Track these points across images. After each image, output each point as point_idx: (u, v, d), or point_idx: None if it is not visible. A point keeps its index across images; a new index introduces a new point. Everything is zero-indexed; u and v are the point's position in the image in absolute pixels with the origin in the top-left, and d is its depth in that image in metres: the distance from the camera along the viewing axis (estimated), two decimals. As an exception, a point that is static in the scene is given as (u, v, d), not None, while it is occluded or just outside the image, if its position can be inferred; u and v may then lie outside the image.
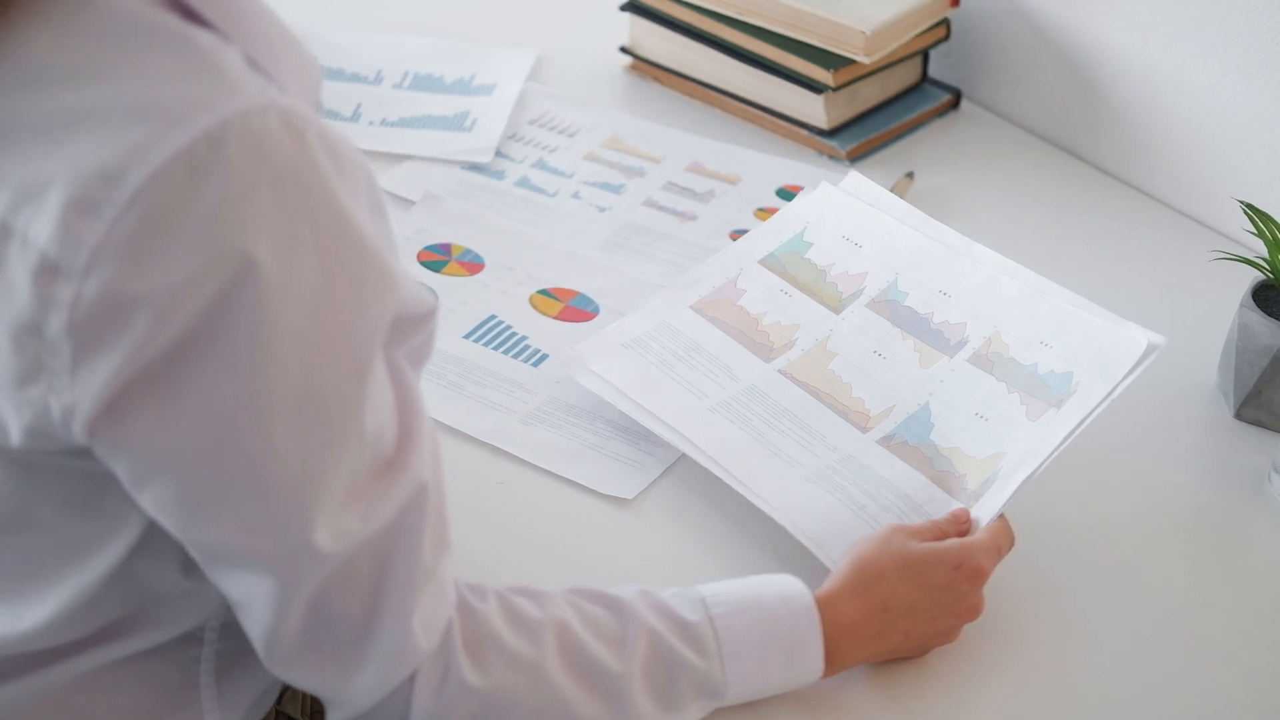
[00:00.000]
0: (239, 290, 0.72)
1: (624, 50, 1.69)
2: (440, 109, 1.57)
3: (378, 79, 1.61)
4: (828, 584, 0.98)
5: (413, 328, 0.84)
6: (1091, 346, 1.09)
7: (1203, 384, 1.27)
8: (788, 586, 0.96)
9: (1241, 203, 1.24)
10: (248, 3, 0.80)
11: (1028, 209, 1.50)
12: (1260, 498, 1.16)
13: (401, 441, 0.82)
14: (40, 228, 0.71)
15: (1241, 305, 1.21)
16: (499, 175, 1.49)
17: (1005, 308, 1.14)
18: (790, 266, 1.23)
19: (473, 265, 1.36)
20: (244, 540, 0.78)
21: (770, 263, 1.24)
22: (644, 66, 1.68)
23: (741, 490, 1.08)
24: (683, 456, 1.16)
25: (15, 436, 0.77)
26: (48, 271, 0.71)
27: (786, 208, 1.30)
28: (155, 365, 0.73)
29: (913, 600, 0.98)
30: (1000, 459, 1.06)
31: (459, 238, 1.39)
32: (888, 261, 1.21)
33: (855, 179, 1.28)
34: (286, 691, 1.02)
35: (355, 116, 1.56)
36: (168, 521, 0.79)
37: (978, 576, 1.00)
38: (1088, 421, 1.05)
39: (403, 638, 0.83)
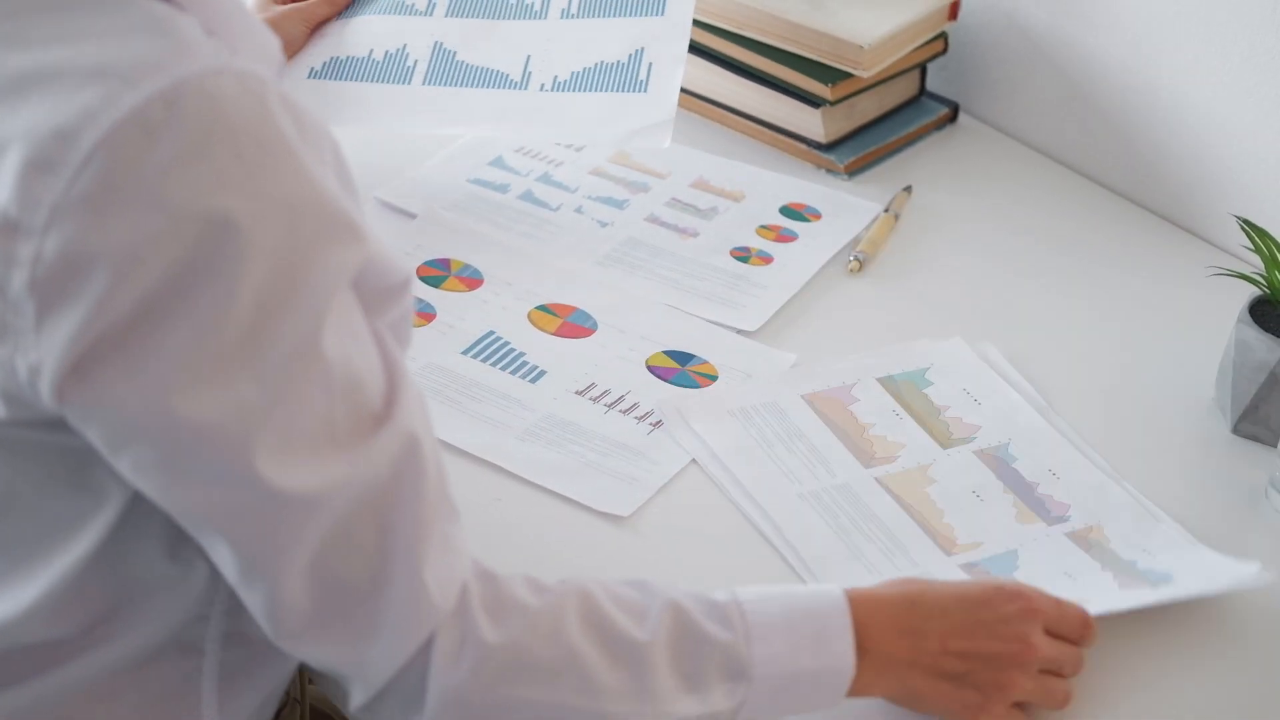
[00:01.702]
0: (206, 249, 0.72)
1: (622, 64, 1.69)
2: (610, 48, 1.40)
3: (545, 4, 1.44)
4: (862, 589, 0.95)
5: (387, 297, 0.84)
6: (1198, 565, 1.08)
7: (1200, 399, 1.27)
8: (827, 586, 0.94)
9: (1239, 218, 1.24)
10: None
11: (1025, 222, 1.50)
12: (1257, 513, 1.16)
13: (389, 397, 0.81)
14: (0, 188, 0.72)
15: (1238, 321, 1.21)
16: (503, 189, 1.49)
17: (1113, 512, 1.14)
18: (907, 394, 1.25)
19: (471, 280, 1.36)
20: (218, 496, 0.77)
21: (888, 384, 1.26)
22: (642, 80, 1.68)
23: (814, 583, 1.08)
24: (679, 474, 1.16)
25: None
26: (8, 230, 0.72)
27: (916, 342, 1.30)
28: (120, 324, 0.73)
29: (944, 604, 0.94)
30: (1084, 603, 1.05)
31: (458, 252, 1.39)
32: (1003, 426, 1.22)
33: (988, 348, 1.30)
34: (285, 707, 1.02)
35: (524, 81, 1.41)
36: (149, 487, 0.78)
37: (1024, 604, 0.94)
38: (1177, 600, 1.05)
39: (415, 596, 0.81)
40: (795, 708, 0.92)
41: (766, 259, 1.41)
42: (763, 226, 1.46)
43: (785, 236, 1.45)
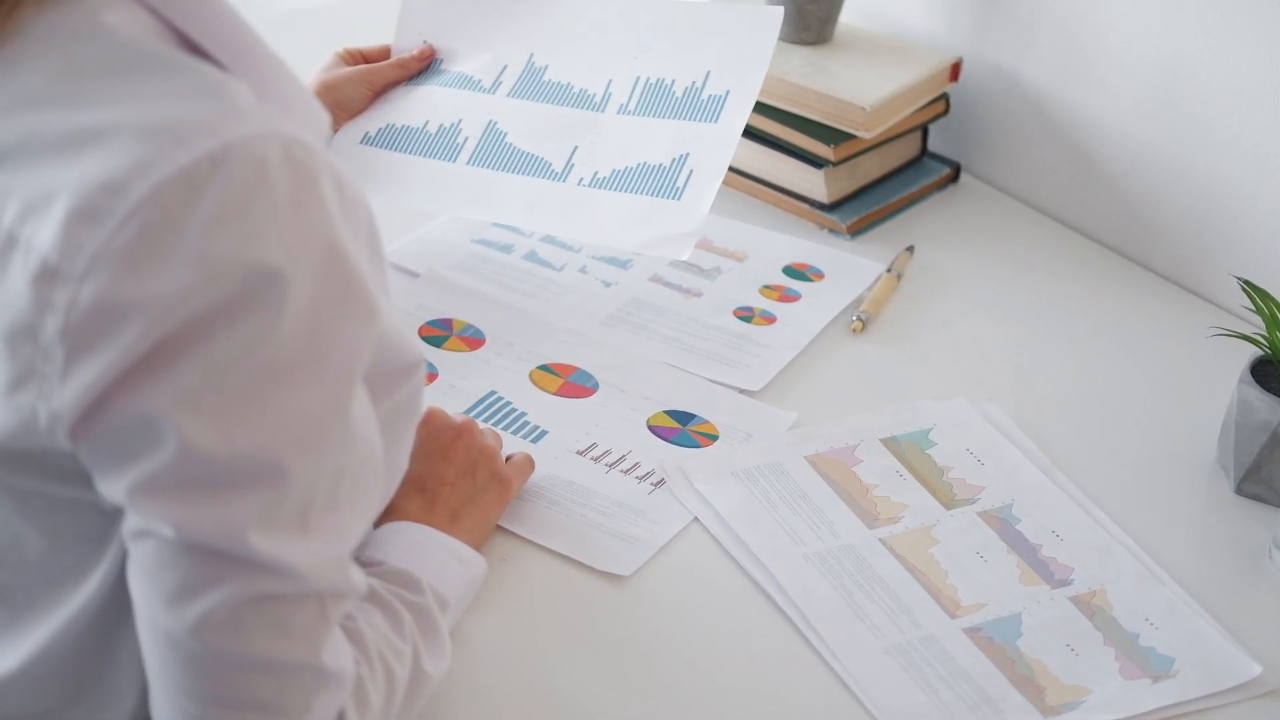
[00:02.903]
0: (240, 296, 0.74)
1: (626, 125, 1.70)
2: (656, 149, 1.39)
3: (605, 98, 1.44)
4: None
5: (397, 377, 0.85)
6: (1200, 650, 1.08)
7: (1203, 459, 1.27)
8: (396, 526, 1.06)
9: (1239, 279, 1.24)
10: (252, 42, 0.82)
11: (1027, 282, 1.50)
12: (1261, 573, 1.16)
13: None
14: (44, 235, 0.73)
15: (1240, 381, 1.21)
16: (506, 249, 1.50)
17: (1116, 575, 1.14)
18: (910, 454, 1.25)
19: (473, 340, 1.37)
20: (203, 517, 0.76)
21: (891, 444, 1.26)
22: (646, 141, 1.69)
23: (818, 644, 1.07)
24: (680, 534, 1.16)
25: None
26: (47, 276, 0.73)
27: (919, 403, 1.31)
28: (139, 364, 0.74)
29: (413, 471, 1.08)
30: (1085, 693, 1.04)
31: (460, 312, 1.40)
32: (1007, 487, 1.22)
33: (991, 408, 1.30)
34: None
35: (565, 173, 1.40)
36: (153, 506, 0.77)
37: (427, 419, 1.13)
38: (1178, 710, 1.04)
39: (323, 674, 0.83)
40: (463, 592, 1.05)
41: (769, 319, 1.42)
42: (766, 286, 1.47)
43: (788, 296, 1.45)
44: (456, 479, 1.12)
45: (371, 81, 1.46)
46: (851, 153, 1.55)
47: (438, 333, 1.37)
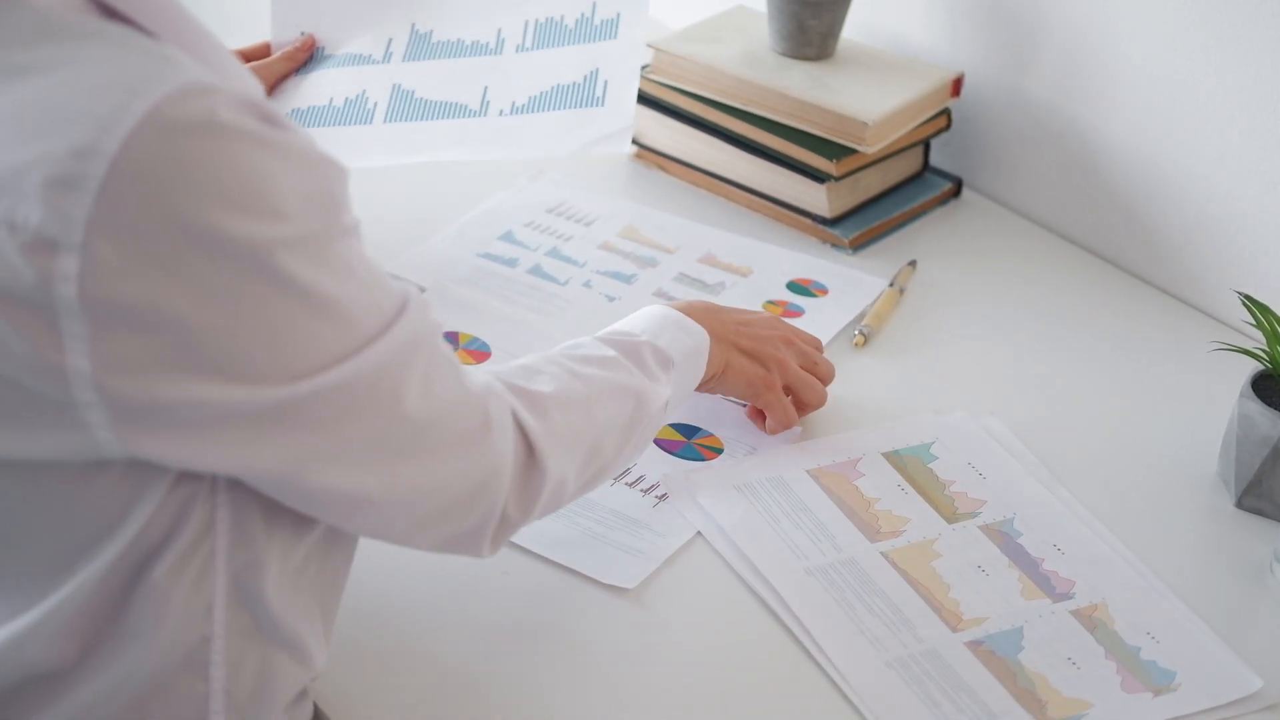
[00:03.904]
0: (243, 240, 0.76)
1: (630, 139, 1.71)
2: (566, 72, 1.45)
3: (500, 43, 1.49)
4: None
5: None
6: (1201, 663, 1.08)
7: (1204, 473, 1.28)
8: (640, 310, 1.20)
9: (1240, 294, 1.25)
10: (178, 12, 0.83)
11: (1029, 297, 1.51)
12: (1262, 587, 1.17)
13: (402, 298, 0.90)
14: (25, 210, 0.74)
15: (1241, 395, 1.22)
16: (512, 263, 1.51)
17: (1118, 588, 1.15)
18: (912, 468, 1.26)
19: (479, 354, 1.37)
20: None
21: (894, 458, 1.27)
22: (649, 155, 1.70)
23: (820, 658, 1.08)
24: (684, 547, 1.17)
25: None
26: (45, 247, 0.74)
27: (921, 416, 1.31)
28: (178, 324, 0.76)
29: (728, 309, 1.25)
30: (1086, 707, 1.05)
31: (465, 325, 1.41)
32: (1008, 500, 1.23)
33: (993, 422, 1.31)
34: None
35: (483, 109, 1.45)
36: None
37: (783, 328, 1.28)
38: None
39: (488, 387, 0.96)
40: (686, 388, 1.19)
41: (772, 333, 1.42)
42: (769, 302, 1.47)
43: (792, 312, 1.46)
44: (750, 329, 1.25)
45: (266, 76, 1.47)
46: (854, 168, 1.56)
47: (442, 346, 1.38)
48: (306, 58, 1.50)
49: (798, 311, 1.46)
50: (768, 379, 1.25)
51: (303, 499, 0.87)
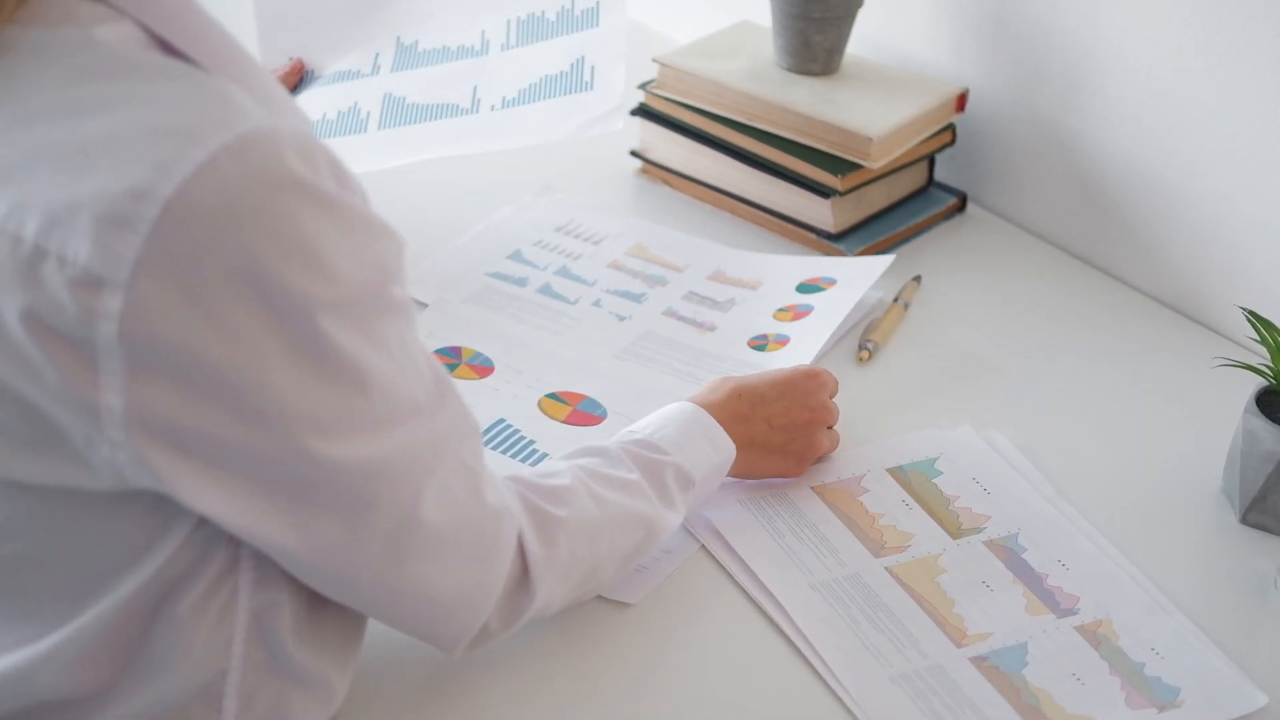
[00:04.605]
0: (290, 286, 0.77)
1: (634, 154, 1.71)
2: (552, 63, 1.48)
3: (485, 44, 1.52)
4: (693, 397, 1.20)
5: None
6: (1206, 679, 1.08)
7: (1208, 489, 1.28)
8: (674, 405, 1.18)
9: (1244, 310, 1.25)
10: (235, 51, 0.85)
11: (1033, 312, 1.51)
12: (1267, 603, 1.16)
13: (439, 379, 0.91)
14: (76, 246, 0.75)
15: (1245, 411, 1.22)
16: (521, 282, 1.51)
17: (1122, 604, 1.14)
18: (916, 484, 1.26)
19: (483, 369, 1.37)
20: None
21: (898, 474, 1.27)
22: (654, 170, 1.70)
23: (824, 673, 1.08)
24: (686, 562, 1.17)
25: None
26: (91, 284, 0.75)
27: (925, 431, 1.31)
28: (207, 366, 0.77)
29: (759, 391, 1.21)
30: None
31: (469, 340, 1.41)
32: (1013, 515, 1.23)
33: (997, 437, 1.31)
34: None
35: (474, 106, 1.48)
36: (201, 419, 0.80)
37: (818, 380, 1.24)
38: None
39: (505, 503, 0.96)
40: (700, 502, 1.18)
41: (783, 341, 1.42)
42: (780, 309, 1.47)
43: (801, 313, 1.45)
44: (781, 419, 1.22)
45: None
46: (858, 182, 1.56)
47: (447, 360, 1.38)
48: (297, 81, 1.51)
49: (807, 310, 1.45)
50: (792, 471, 1.24)
51: (297, 568, 0.88)
